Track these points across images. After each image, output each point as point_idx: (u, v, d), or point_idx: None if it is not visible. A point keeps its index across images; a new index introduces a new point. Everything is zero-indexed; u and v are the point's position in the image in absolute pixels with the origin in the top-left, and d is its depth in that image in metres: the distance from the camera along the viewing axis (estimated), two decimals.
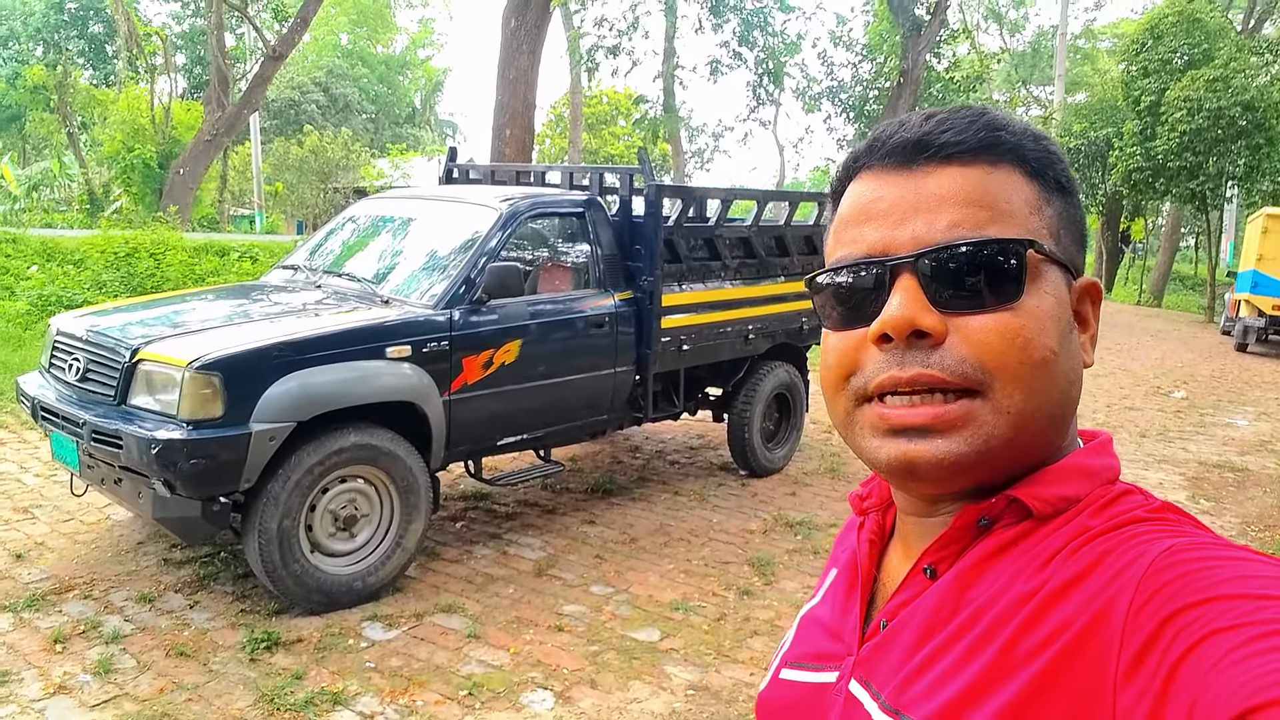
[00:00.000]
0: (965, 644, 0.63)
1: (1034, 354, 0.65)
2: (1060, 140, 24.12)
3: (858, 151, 0.75)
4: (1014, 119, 0.72)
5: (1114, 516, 0.64)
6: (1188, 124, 17.51)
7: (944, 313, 0.66)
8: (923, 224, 0.68)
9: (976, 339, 0.65)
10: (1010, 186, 0.69)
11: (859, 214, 0.72)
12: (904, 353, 0.66)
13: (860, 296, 0.70)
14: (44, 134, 30.11)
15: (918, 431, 0.66)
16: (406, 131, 42.14)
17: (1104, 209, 24.95)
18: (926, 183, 0.69)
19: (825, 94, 23.28)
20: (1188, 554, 0.57)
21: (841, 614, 0.80)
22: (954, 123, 0.70)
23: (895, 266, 0.68)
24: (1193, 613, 0.53)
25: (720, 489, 5.94)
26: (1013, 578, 0.64)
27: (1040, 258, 0.68)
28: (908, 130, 0.71)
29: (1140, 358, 13.41)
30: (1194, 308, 23.92)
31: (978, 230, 0.67)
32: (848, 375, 0.70)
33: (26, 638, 3.60)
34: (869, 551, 0.80)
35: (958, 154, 0.69)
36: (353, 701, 3.28)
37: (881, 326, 0.67)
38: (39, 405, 4.06)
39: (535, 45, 11.89)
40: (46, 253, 10.72)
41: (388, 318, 4.20)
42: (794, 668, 0.82)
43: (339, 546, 3.99)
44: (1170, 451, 7.66)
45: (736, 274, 5.84)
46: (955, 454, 0.65)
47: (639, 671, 3.60)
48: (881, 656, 0.70)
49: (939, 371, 0.65)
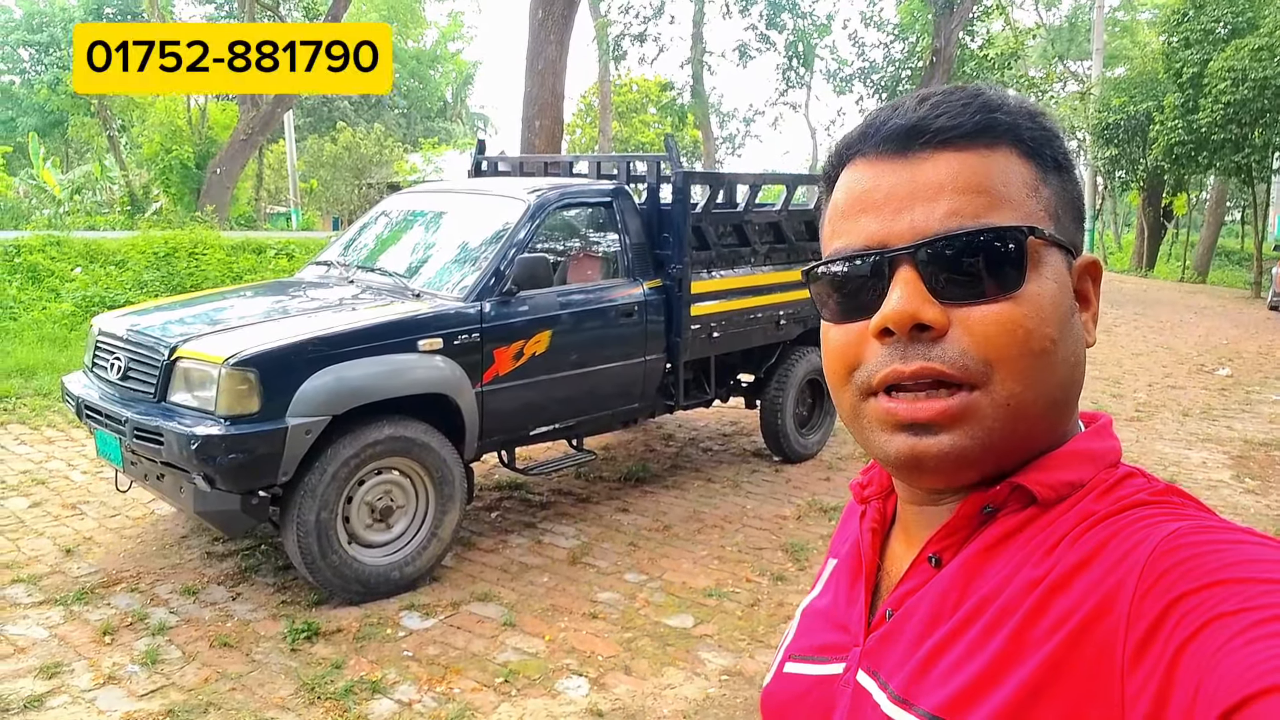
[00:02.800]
0: (974, 633, 0.63)
1: (1034, 345, 0.65)
2: (1099, 115, 23.74)
3: (850, 138, 0.73)
4: (1010, 96, 0.71)
5: (1118, 500, 0.64)
6: (1232, 95, 17.07)
7: (945, 303, 0.66)
8: (920, 213, 0.67)
9: (978, 330, 0.65)
10: (1008, 169, 0.68)
11: (855, 204, 0.71)
12: (906, 346, 0.66)
13: (859, 288, 0.69)
14: (85, 138, 30.73)
15: (924, 427, 0.66)
16: (439, 125, 42.42)
17: (1145, 185, 24.46)
18: (923, 170, 0.68)
19: (857, 75, 23.06)
20: (1192, 537, 0.57)
21: (846, 604, 0.79)
22: (948, 106, 0.68)
23: (894, 258, 0.67)
24: (1197, 597, 0.53)
25: (754, 475, 5.93)
26: (1019, 564, 0.64)
27: (1040, 243, 0.67)
28: (901, 116, 0.69)
29: (1183, 335, 13.15)
30: (1240, 283, 23.37)
31: (976, 218, 0.66)
32: (851, 369, 0.69)
33: (76, 630, 3.70)
34: (872, 541, 0.79)
35: (953, 138, 0.67)
36: (391, 690, 3.33)
37: (883, 321, 0.66)
38: (83, 404, 4.16)
39: (563, 35, 11.89)
40: (89, 254, 10.95)
41: (419, 311, 4.24)
42: (799, 661, 0.81)
43: (376, 537, 4.05)
44: (1214, 430, 7.51)
45: (766, 259, 5.82)
46: (960, 448, 0.65)
47: (673, 657, 3.62)
48: (888, 647, 0.70)
49: (941, 365, 0.65)
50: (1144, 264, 26.63)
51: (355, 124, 31.47)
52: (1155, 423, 7.69)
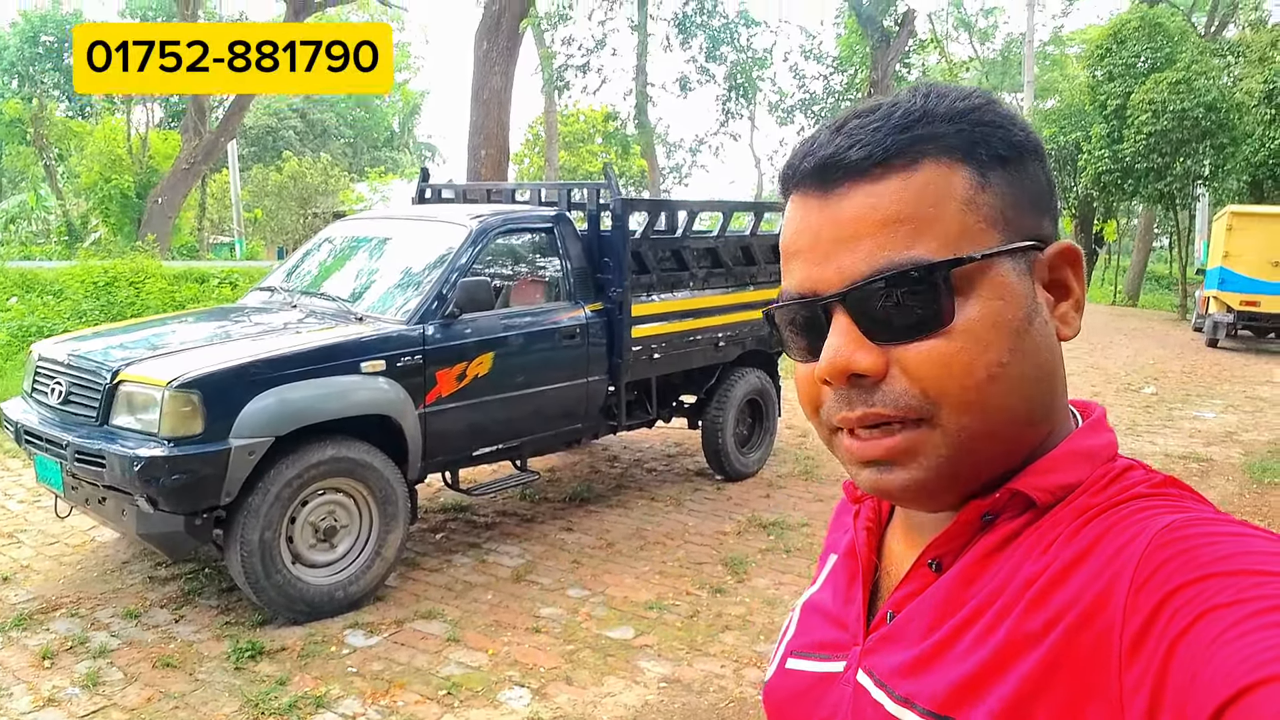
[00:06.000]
0: (974, 633, 0.63)
1: (977, 374, 0.63)
2: None
3: (785, 168, 0.73)
4: (937, 93, 0.68)
5: (1116, 494, 0.64)
6: (1153, 126, 17.86)
7: (881, 344, 0.65)
8: (846, 258, 0.65)
9: (914, 370, 0.64)
10: (933, 187, 0.64)
11: (789, 248, 0.71)
12: (848, 392, 0.66)
13: (805, 332, 0.70)
14: (20, 167, 30.12)
15: (880, 463, 0.66)
16: (385, 155, 42.29)
17: (1076, 212, 25.32)
18: (842, 209, 0.66)
19: (798, 106, 23.58)
20: (1188, 529, 0.57)
21: (844, 602, 0.79)
22: (861, 134, 0.66)
23: (827, 305, 0.67)
24: (1192, 589, 0.53)
25: (696, 494, 6.07)
26: (1018, 565, 0.64)
27: (973, 266, 0.64)
28: (820, 147, 0.68)
29: (1113, 355, 13.64)
30: (1168, 306, 24.28)
31: (906, 249, 0.64)
32: (816, 407, 0.70)
33: (15, 655, 3.69)
34: (867, 540, 0.79)
35: (868, 168, 0.65)
36: (335, 704, 3.38)
37: (820, 374, 0.67)
38: (22, 429, 4.16)
39: (508, 66, 12.07)
40: (25, 284, 10.79)
41: (362, 334, 4.32)
42: (800, 657, 0.81)
43: (320, 557, 4.10)
44: (1138, 445, 7.84)
45: (705, 283, 5.99)
46: (919, 480, 0.66)
47: (613, 667, 3.72)
48: (889, 647, 0.70)
49: (883, 409, 0.65)
50: None
51: (300, 153, 31.29)
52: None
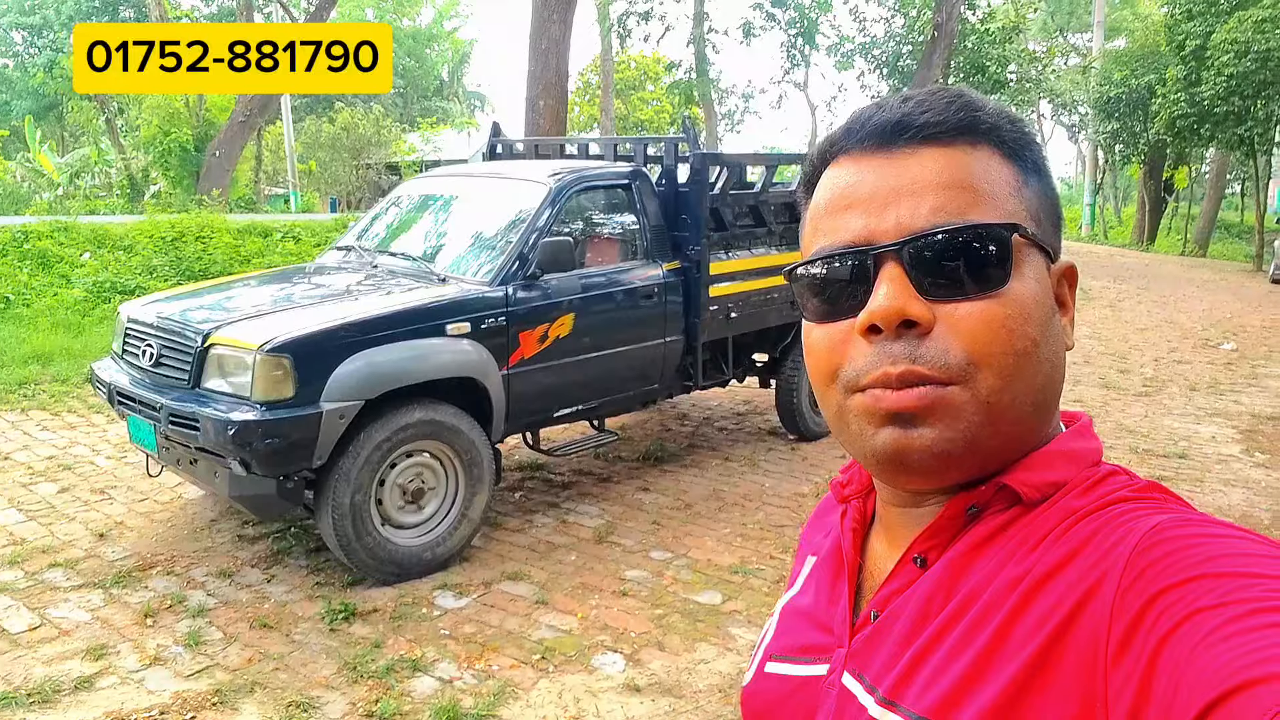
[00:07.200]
0: (958, 632, 0.62)
1: (1017, 343, 0.65)
2: (1100, 89, 23.70)
3: (834, 136, 0.73)
4: (989, 101, 0.71)
5: (1100, 497, 0.64)
6: (1235, 67, 17.07)
7: (931, 300, 0.65)
8: (906, 210, 0.66)
9: (963, 328, 0.64)
10: (990, 168, 0.68)
11: (839, 200, 0.70)
12: (892, 344, 0.65)
13: (845, 287, 0.68)
14: (82, 122, 30.54)
15: (908, 418, 0.65)
16: (435, 105, 42.18)
17: (1146, 158, 24.44)
18: (908, 166, 0.67)
19: (858, 50, 22.97)
20: (1174, 531, 0.57)
21: (828, 604, 0.78)
22: (932, 104, 0.69)
23: (880, 255, 0.66)
24: (1177, 592, 0.53)
25: (770, 454, 6.00)
26: (1002, 562, 0.64)
27: (1024, 242, 0.67)
28: (886, 112, 0.69)
29: (1187, 309, 13.21)
30: (1241, 256, 23.42)
31: (961, 214, 0.66)
32: (836, 368, 0.69)
33: (117, 613, 3.77)
34: (853, 540, 0.78)
35: (937, 134, 0.67)
36: (431, 668, 3.41)
37: (870, 318, 0.65)
38: (115, 390, 4.21)
39: (566, 14, 11.84)
40: (97, 240, 10.94)
41: (447, 295, 4.29)
42: (781, 661, 0.79)
43: (408, 519, 4.12)
44: (1222, 405, 7.58)
45: (782, 240, 5.86)
46: (944, 441, 0.65)
47: (704, 633, 3.70)
48: (874, 648, 0.69)
49: (925, 368, 0.64)
50: (1145, 238, 26.65)
51: (353, 104, 31.31)
52: (1163, 398, 7.76)
